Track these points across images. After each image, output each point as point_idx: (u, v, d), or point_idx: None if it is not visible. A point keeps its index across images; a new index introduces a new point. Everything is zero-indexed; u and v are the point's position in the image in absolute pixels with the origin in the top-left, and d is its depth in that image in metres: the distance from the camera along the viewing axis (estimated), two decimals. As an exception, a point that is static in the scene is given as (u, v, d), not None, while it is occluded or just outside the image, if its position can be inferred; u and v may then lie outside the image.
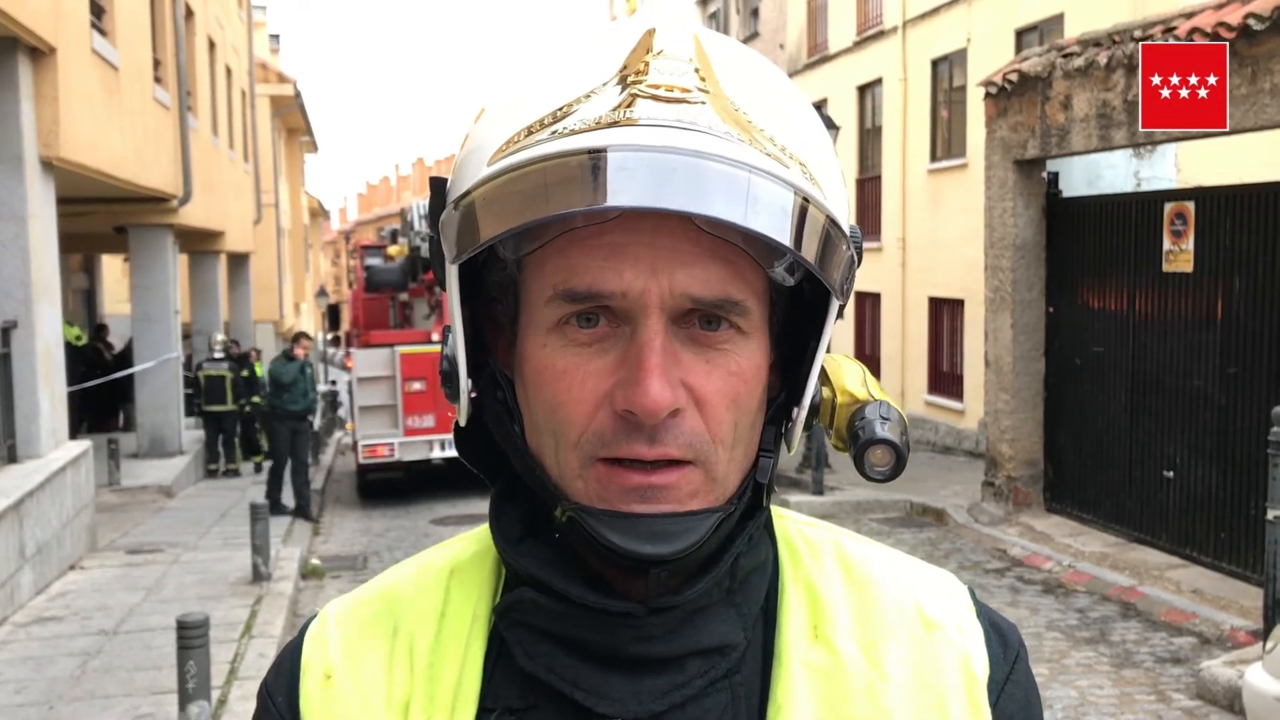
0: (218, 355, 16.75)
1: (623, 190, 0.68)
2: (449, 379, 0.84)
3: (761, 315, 0.78)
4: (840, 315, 0.81)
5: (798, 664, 0.82)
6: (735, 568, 0.81)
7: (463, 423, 0.86)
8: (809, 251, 0.72)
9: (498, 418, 0.83)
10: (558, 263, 0.75)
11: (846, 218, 0.78)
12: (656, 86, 0.73)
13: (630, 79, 0.73)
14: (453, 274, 0.78)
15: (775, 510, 0.90)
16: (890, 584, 0.87)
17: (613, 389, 0.74)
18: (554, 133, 0.72)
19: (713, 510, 0.76)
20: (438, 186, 0.81)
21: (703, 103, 0.72)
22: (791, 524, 0.91)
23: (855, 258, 0.79)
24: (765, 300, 0.79)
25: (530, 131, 0.73)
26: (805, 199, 0.72)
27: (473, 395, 0.85)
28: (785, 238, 0.70)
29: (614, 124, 0.71)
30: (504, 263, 0.79)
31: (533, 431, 0.80)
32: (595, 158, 0.69)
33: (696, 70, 0.74)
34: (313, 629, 0.90)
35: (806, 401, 0.83)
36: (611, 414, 0.74)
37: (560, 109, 0.73)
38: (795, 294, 0.82)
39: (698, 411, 0.75)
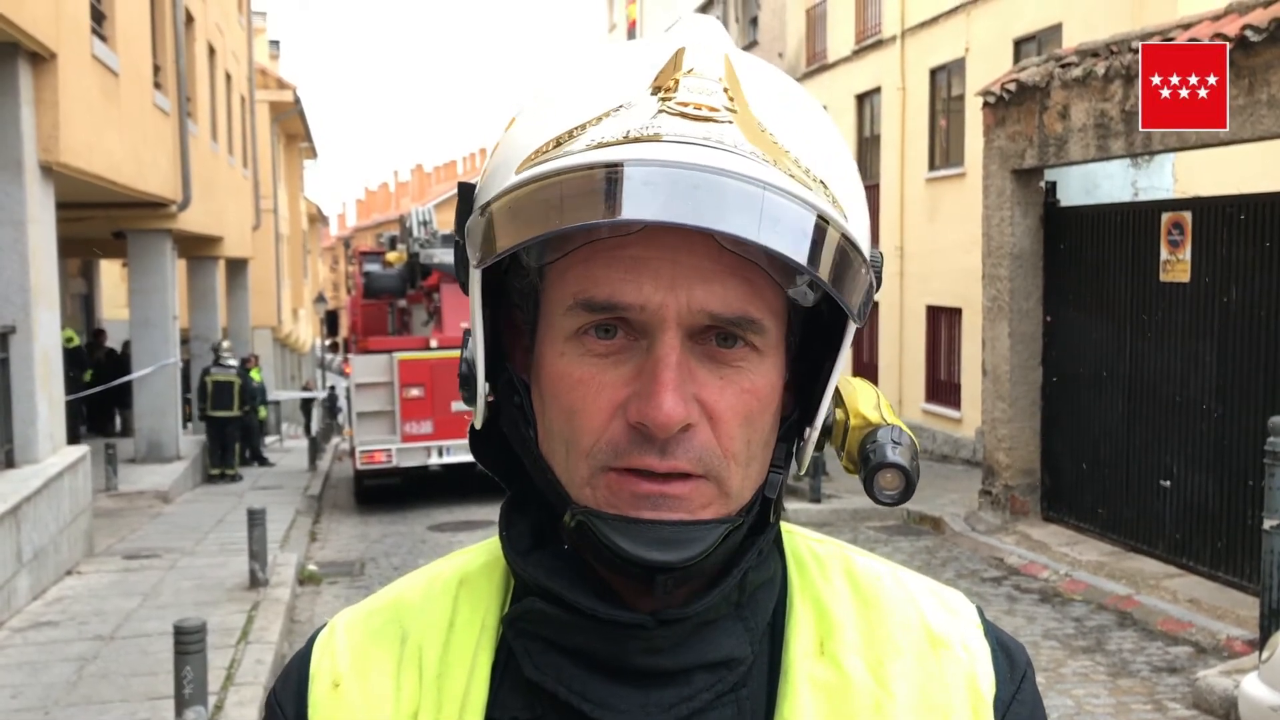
0: (229, 361, 16.91)
1: (644, 204, 0.69)
2: (466, 382, 0.85)
3: (778, 334, 0.79)
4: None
5: (804, 680, 0.82)
6: (744, 582, 0.81)
7: (478, 426, 0.87)
8: (825, 272, 0.72)
9: (514, 422, 0.84)
10: (579, 272, 0.75)
11: (868, 242, 0.79)
12: (685, 104, 0.73)
13: (661, 95, 0.74)
14: (476, 279, 0.79)
15: (784, 526, 0.90)
16: (898, 601, 0.88)
17: (627, 400, 0.75)
18: (589, 144, 0.72)
19: (721, 521, 0.76)
20: (465, 192, 0.82)
21: (729, 121, 0.73)
22: (800, 539, 0.91)
23: (875, 282, 0.79)
24: (783, 319, 0.79)
25: (559, 142, 0.74)
26: (824, 220, 0.72)
27: (489, 399, 0.85)
28: (802, 257, 0.71)
29: (639, 139, 0.72)
30: (526, 270, 0.80)
31: (546, 437, 0.80)
32: (616, 171, 0.70)
33: (725, 90, 0.75)
34: (321, 637, 0.91)
35: (819, 422, 0.84)
36: (625, 425, 0.75)
37: (589, 121, 0.74)
38: (812, 314, 0.82)
39: (710, 426, 0.76)
